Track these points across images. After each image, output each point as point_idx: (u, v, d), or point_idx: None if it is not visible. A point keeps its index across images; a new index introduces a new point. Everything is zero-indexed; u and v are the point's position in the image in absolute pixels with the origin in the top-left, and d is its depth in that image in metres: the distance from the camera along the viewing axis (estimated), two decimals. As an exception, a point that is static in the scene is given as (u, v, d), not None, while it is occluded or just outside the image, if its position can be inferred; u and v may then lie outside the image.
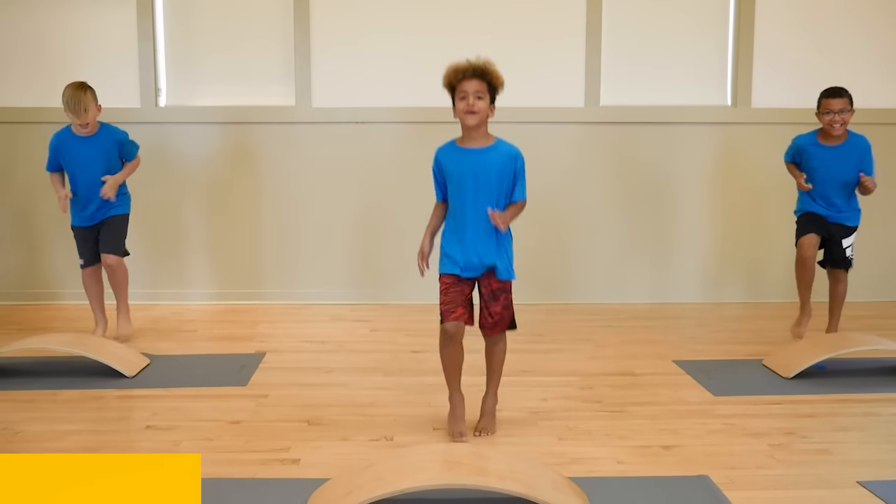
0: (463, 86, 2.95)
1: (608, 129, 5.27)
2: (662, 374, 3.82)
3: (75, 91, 4.08)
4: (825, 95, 4.05)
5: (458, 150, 3.04)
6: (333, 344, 4.34)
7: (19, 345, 3.80)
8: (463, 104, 2.95)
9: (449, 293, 2.99)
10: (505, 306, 3.04)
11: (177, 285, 5.29)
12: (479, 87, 2.94)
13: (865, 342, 3.92)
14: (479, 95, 2.95)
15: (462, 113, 2.96)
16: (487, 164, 2.98)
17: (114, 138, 4.23)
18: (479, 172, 2.98)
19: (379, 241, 5.27)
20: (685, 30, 5.30)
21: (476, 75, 2.95)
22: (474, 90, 2.94)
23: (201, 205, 5.28)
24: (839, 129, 4.02)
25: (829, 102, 4.01)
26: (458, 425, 3.05)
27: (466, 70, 2.96)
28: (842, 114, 3.98)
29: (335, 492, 2.40)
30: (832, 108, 4.00)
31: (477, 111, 2.94)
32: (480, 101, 2.94)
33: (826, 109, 4.02)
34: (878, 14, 5.29)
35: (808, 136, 4.18)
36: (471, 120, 2.96)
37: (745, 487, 2.62)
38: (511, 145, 3.05)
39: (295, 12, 5.15)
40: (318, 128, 5.22)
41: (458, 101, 2.97)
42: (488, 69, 2.97)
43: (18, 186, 5.20)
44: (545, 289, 5.28)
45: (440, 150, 3.09)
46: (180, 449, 2.92)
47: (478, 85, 2.94)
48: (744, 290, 5.37)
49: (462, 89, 2.95)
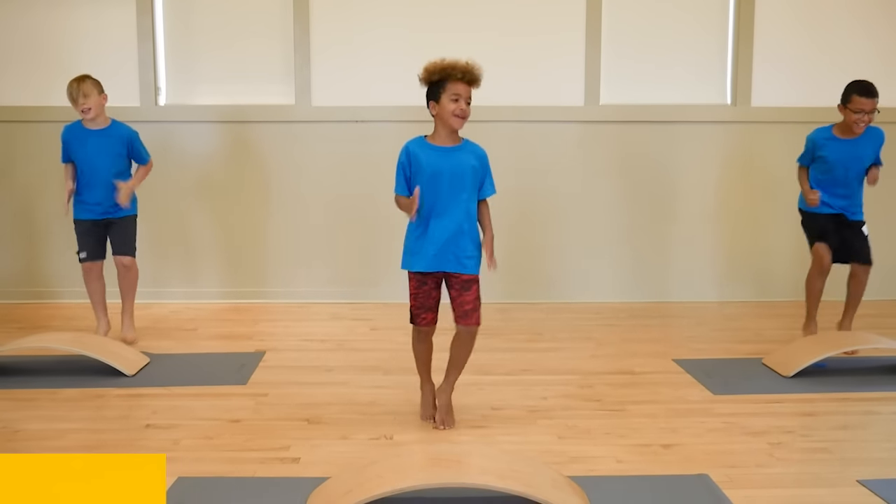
0: (458, 87, 2.96)
1: (608, 128, 5.26)
2: (662, 372, 3.83)
3: (75, 79, 4.13)
4: (858, 92, 3.91)
5: (433, 148, 3.05)
6: (333, 342, 4.34)
7: (19, 343, 3.80)
8: (455, 106, 2.96)
9: (418, 297, 3.13)
10: (476, 297, 3.08)
11: (177, 284, 5.29)
12: (470, 93, 3.00)
13: (865, 341, 3.92)
14: (468, 100, 3.00)
15: (452, 115, 2.98)
16: (462, 162, 3.03)
17: (124, 134, 4.23)
18: (455, 171, 3.02)
19: (379, 240, 5.27)
20: (685, 28, 5.29)
21: (473, 81, 2.99)
22: (467, 95, 2.99)
23: (201, 203, 5.28)
24: (863, 128, 3.95)
25: (862, 102, 3.89)
26: (429, 410, 3.20)
27: (466, 73, 2.97)
28: (871, 114, 3.91)
29: (335, 490, 2.40)
30: (864, 107, 3.88)
31: (467, 116, 3.00)
32: (468, 108, 3.00)
33: (858, 108, 3.90)
34: (878, 13, 5.29)
35: (824, 130, 4.10)
36: (458, 124, 3.01)
37: (745, 486, 2.62)
38: (476, 145, 3.10)
39: (295, 11, 5.15)
40: (318, 126, 5.22)
41: (449, 101, 2.97)
42: (481, 77, 3.01)
43: (18, 185, 5.20)
44: (544, 288, 5.28)
45: (413, 145, 3.07)
46: (180, 447, 2.92)
47: (469, 91, 2.99)
48: (744, 289, 5.36)
49: (457, 90, 2.96)
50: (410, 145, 3.07)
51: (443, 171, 3.01)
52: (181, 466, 2.75)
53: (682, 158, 5.30)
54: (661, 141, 5.28)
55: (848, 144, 4.04)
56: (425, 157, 3.03)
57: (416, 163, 3.04)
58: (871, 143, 4.05)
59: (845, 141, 4.04)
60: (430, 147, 3.05)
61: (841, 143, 4.05)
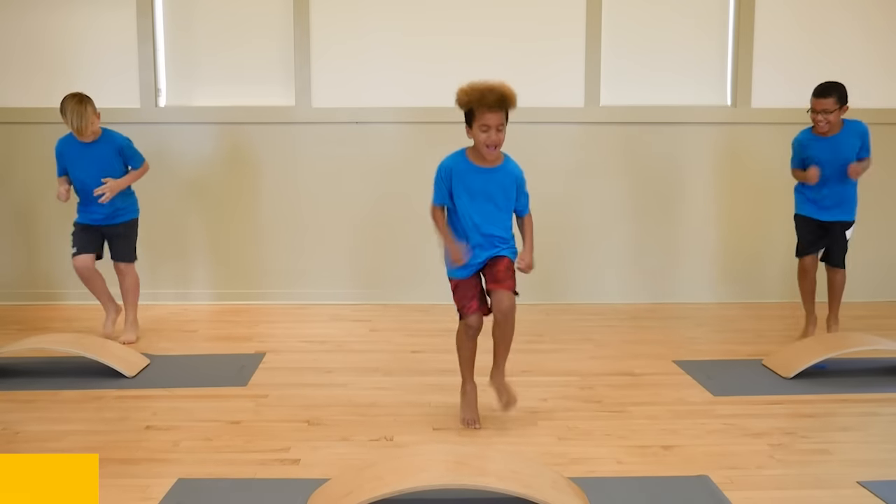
0: (486, 118, 2.92)
1: (608, 130, 5.27)
2: (662, 374, 3.83)
3: (76, 106, 4.07)
4: (813, 94, 4.10)
5: (472, 167, 3.04)
6: (333, 344, 4.34)
7: (19, 345, 3.80)
8: (485, 137, 2.94)
9: (459, 290, 3.10)
10: (508, 267, 3.06)
11: (177, 285, 5.29)
12: (501, 120, 2.95)
13: (865, 342, 3.92)
14: (500, 128, 2.95)
15: (483, 146, 2.97)
16: (499, 183, 3.05)
17: (116, 144, 4.23)
18: (492, 191, 3.04)
19: (379, 241, 5.27)
20: (685, 30, 5.30)
21: (502, 107, 2.93)
22: (497, 123, 2.93)
23: (201, 205, 5.28)
24: (824, 126, 4.07)
25: (814, 102, 4.08)
26: (471, 412, 3.16)
27: (492, 102, 2.91)
28: (825, 114, 4.03)
29: (335, 492, 2.40)
30: (815, 107, 4.07)
31: (499, 144, 2.98)
32: (501, 134, 2.96)
33: (811, 107, 4.09)
34: (878, 14, 5.30)
35: (806, 131, 4.23)
36: (492, 154, 3.00)
37: (745, 487, 2.62)
38: (515, 164, 3.11)
39: (295, 13, 5.15)
40: (318, 128, 5.22)
41: (479, 131, 2.94)
42: (512, 98, 2.94)
43: (18, 187, 5.21)
44: (545, 289, 5.28)
45: (451, 161, 3.06)
46: (180, 449, 2.92)
47: (500, 118, 2.94)
48: (744, 290, 5.37)
49: (485, 122, 2.92)
50: (449, 160, 3.07)
51: (478, 191, 3.03)
52: (181, 468, 2.75)
53: (683, 160, 5.30)
54: (661, 142, 5.28)
55: (829, 142, 4.11)
56: (464, 175, 3.03)
57: (455, 180, 3.04)
58: (853, 138, 4.11)
59: (826, 139, 4.12)
60: (469, 165, 3.04)
61: (822, 142, 4.13)
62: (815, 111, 4.06)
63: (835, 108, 4.03)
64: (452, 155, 3.09)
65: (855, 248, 4.36)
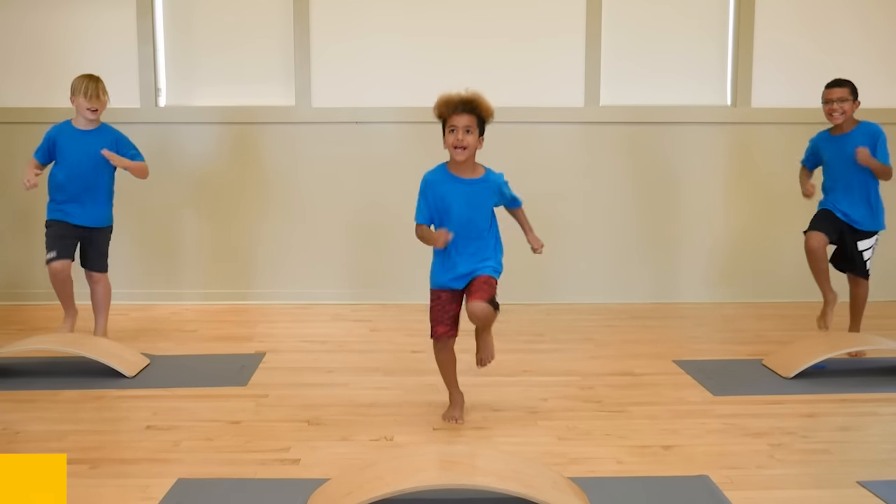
0: (453, 120, 2.97)
1: (608, 129, 5.27)
2: (662, 373, 3.82)
3: (90, 78, 4.08)
4: (826, 86, 4.09)
5: (452, 178, 3.06)
6: (333, 344, 4.34)
7: (19, 345, 3.80)
8: (452, 138, 2.98)
9: (435, 310, 3.12)
10: (486, 281, 3.03)
11: (176, 285, 5.29)
12: (469, 122, 2.97)
13: (866, 342, 3.93)
14: (468, 130, 2.97)
15: (451, 147, 3.00)
16: (480, 195, 3.06)
17: (113, 136, 4.17)
18: (472, 203, 3.05)
19: (379, 241, 5.27)
20: (685, 29, 5.30)
21: (466, 110, 2.97)
22: (464, 125, 2.97)
23: (201, 205, 5.28)
24: (839, 117, 4.01)
25: (828, 92, 4.05)
26: (455, 410, 3.20)
27: (457, 105, 2.97)
28: (840, 102, 3.99)
29: (335, 492, 2.40)
30: (831, 97, 4.03)
31: (466, 146, 2.98)
32: (469, 136, 2.97)
33: (825, 99, 4.05)
34: (878, 14, 5.30)
35: (822, 132, 4.18)
36: (460, 155, 3.00)
37: (745, 487, 2.62)
38: (497, 174, 3.12)
39: (295, 13, 5.16)
40: (318, 128, 5.22)
41: (448, 133, 2.99)
42: (478, 102, 2.99)
43: (18, 187, 5.17)
44: (545, 289, 5.29)
45: (432, 175, 3.10)
46: (180, 449, 2.92)
47: (468, 119, 2.97)
48: (744, 290, 5.37)
49: (452, 123, 2.98)
50: (430, 175, 3.10)
51: (459, 203, 3.03)
52: (181, 468, 2.75)
53: (683, 159, 5.30)
54: (661, 142, 5.28)
55: (840, 141, 4.07)
56: (444, 187, 3.05)
57: (434, 193, 3.06)
58: (864, 138, 4.04)
59: (837, 138, 4.08)
60: (449, 177, 3.07)
61: (834, 141, 4.09)
62: (830, 100, 4.02)
63: (849, 98, 4.00)
64: (434, 168, 3.12)
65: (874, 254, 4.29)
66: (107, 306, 4.27)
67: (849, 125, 4.05)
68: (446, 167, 3.09)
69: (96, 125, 4.16)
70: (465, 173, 3.06)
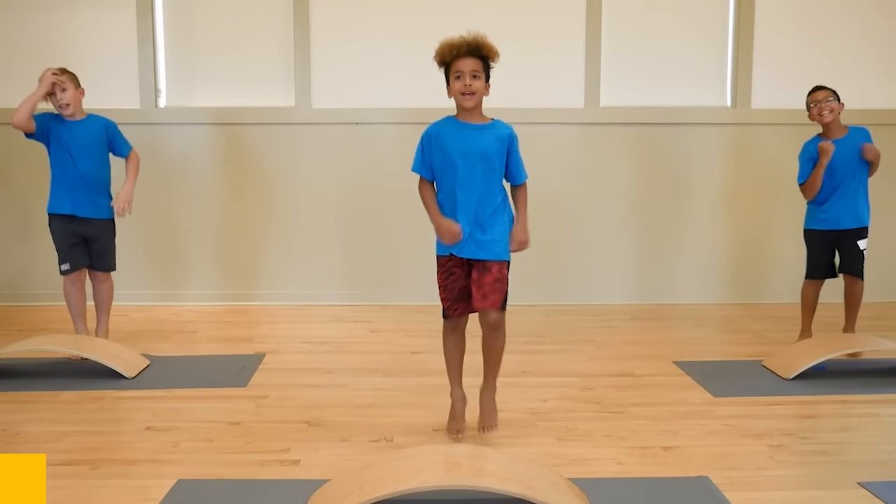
0: (458, 65, 2.84)
1: (608, 130, 5.27)
2: (662, 374, 3.82)
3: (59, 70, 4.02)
4: (809, 93, 4.15)
5: (459, 124, 2.91)
6: (333, 345, 4.34)
7: (19, 346, 3.80)
8: (459, 84, 2.84)
9: (447, 286, 2.97)
10: (497, 279, 2.89)
11: (177, 286, 5.29)
12: (475, 66, 2.84)
13: (865, 343, 3.92)
14: (476, 74, 2.84)
15: (458, 94, 2.86)
16: (488, 141, 2.89)
17: (101, 124, 4.09)
18: (480, 149, 2.88)
19: (378, 242, 5.28)
20: (685, 31, 5.30)
21: (471, 53, 2.83)
22: (470, 69, 2.83)
23: (201, 205, 5.28)
24: (828, 115, 4.06)
25: (812, 95, 4.12)
26: (455, 423, 3.06)
27: (461, 46, 2.83)
28: (827, 102, 4.05)
29: (335, 493, 2.40)
30: (817, 98, 4.09)
31: (475, 91, 2.84)
32: (477, 81, 2.84)
33: (812, 101, 4.11)
34: (877, 15, 5.30)
35: (813, 139, 4.19)
36: (468, 102, 2.86)
37: (745, 488, 2.62)
38: (507, 125, 2.96)
39: (295, 14, 5.16)
40: (318, 129, 5.23)
41: (454, 80, 2.86)
42: (484, 44, 2.85)
43: (18, 187, 5.21)
44: (545, 289, 5.29)
45: (436, 125, 2.95)
46: (180, 450, 2.92)
47: (473, 63, 2.83)
48: (744, 291, 5.37)
49: (457, 68, 2.84)
50: (433, 125, 2.95)
51: (468, 150, 2.87)
52: (181, 469, 2.75)
53: (682, 160, 5.30)
54: (661, 143, 5.28)
55: (838, 144, 4.08)
56: (449, 135, 2.90)
57: (440, 142, 2.90)
58: (857, 140, 4.10)
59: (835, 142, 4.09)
60: (456, 124, 2.91)
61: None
62: (817, 101, 4.07)
63: (833, 98, 4.06)
64: (439, 120, 2.98)
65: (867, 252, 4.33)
66: (109, 306, 4.26)
67: (840, 130, 4.11)
68: (452, 116, 2.95)
69: (82, 116, 4.08)
70: (473, 120, 2.91)
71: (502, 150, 2.93)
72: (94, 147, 4.06)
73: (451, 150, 2.89)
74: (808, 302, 4.29)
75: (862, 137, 4.10)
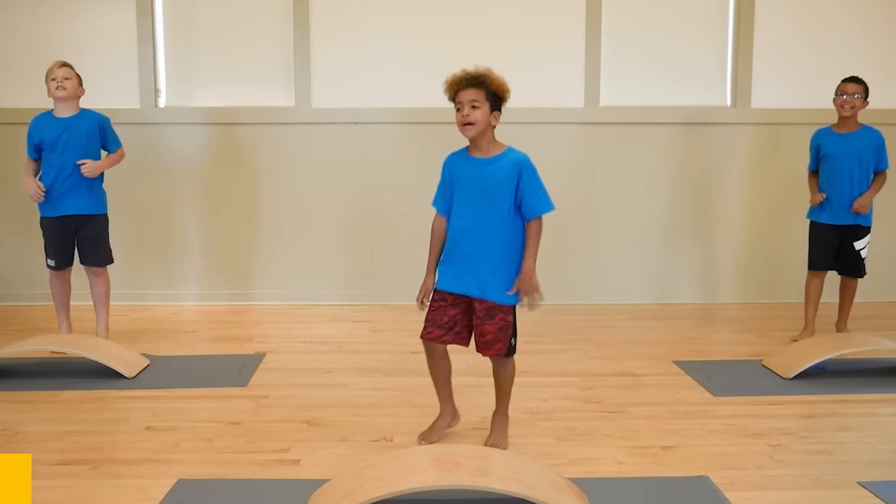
0: (459, 96, 2.85)
1: (608, 130, 5.27)
2: (662, 374, 3.82)
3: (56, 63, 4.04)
4: (843, 80, 4.22)
5: (466, 158, 2.90)
6: (333, 345, 4.34)
7: (19, 345, 3.80)
8: (458, 115, 2.84)
9: (433, 311, 2.92)
10: (501, 327, 2.86)
11: (176, 286, 5.29)
12: (476, 97, 2.82)
13: (866, 343, 3.92)
14: (475, 105, 2.81)
15: (459, 124, 2.86)
16: (490, 174, 2.83)
17: (95, 118, 4.10)
18: (481, 184, 2.83)
19: (378, 242, 5.28)
20: (685, 31, 5.30)
21: (471, 84, 2.84)
22: (469, 100, 2.81)
23: (201, 205, 5.28)
24: (849, 111, 4.15)
25: (844, 85, 4.20)
26: (428, 433, 3.03)
27: (461, 80, 2.86)
28: (853, 97, 4.13)
29: (335, 492, 2.40)
30: (846, 90, 4.17)
31: (473, 122, 2.81)
32: (476, 111, 2.81)
33: (840, 91, 4.18)
34: (877, 15, 5.30)
35: (823, 129, 4.30)
36: (468, 132, 2.84)
37: (745, 488, 2.62)
38: (519, 152, 2.89)
39: (294, 14, 5.16)
40: (318, 129, 5.23)
41: (456, 112, 2.86)
42: (486, 76, 2.85)
43: (18, 187, 5.18)
44: (545, 289, 5.27)
45: (450, 156, 2.96)
46: (180, 449, 2.92)
47: (474, 94, 2.82)
48: (744, 291, 5.37)
49: (458, 100, 2.85)
50: (449, 157, 2.96)
51: (470, 184, 2.84)
52: (181, 469, 2.75)
53: (683, 160, 5.30)
54: (661, 143, 5.28)
55: (844, 138, 4.18)
56: (458, 167, 2.91)
57: (452, 175, 2.91)
58: (868, 140, 4.19)
59: (842, 135, 4.20)
60: (465, 158, 2.90)
61: (838, 137, 4.22)
62: (845, 93, 4.15)
63: (861, 95, 4.15)
64: (456, 151, 2.98)
65: (868, 253, 4.34)
66: (107, 302, 4.26)
67: (854, 125, 4.19)
68: (465, 149, 2.94)
69: (76, 111, 4.09)
70: (479, 152, 2.88)
71: (510, 182, 2.82)
72: (87, 142, 4.08)
73: (457, 184, 2.90)
74: (811, 294, 4.33)
75: (872, 139, 4.18)
